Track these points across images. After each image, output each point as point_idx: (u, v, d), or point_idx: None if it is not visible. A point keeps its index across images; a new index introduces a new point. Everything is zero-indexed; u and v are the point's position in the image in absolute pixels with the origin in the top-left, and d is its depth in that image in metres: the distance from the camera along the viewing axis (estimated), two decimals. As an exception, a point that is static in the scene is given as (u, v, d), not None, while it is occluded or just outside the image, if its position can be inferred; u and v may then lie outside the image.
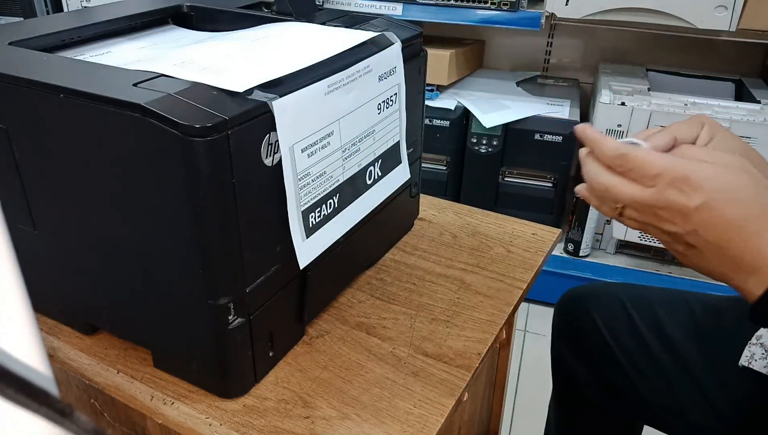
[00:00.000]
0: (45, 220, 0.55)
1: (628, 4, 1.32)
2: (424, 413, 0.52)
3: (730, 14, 1.26)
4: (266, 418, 0.52)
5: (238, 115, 0.44)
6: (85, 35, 0.61)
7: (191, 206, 0.45)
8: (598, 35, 1.72)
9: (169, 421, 0.51)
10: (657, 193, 0.43)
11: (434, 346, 0.59)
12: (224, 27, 0.67)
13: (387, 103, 0.61)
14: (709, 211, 0.41)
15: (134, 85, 0.45)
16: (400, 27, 0.66)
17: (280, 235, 0.51)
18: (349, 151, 0.57)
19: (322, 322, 0.63)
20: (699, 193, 0.41)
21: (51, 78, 0.47)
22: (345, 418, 0.52)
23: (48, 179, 0.52)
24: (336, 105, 0.53)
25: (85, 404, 0.58)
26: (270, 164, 0.48)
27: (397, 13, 1.48)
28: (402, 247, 0.75)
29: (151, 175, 0.45)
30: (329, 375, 0.56)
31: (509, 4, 1.40)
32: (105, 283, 0.55)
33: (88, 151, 0.48)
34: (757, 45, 1.49)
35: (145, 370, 0.56)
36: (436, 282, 0.69)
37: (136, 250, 0.50)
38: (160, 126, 0.42)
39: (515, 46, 1.81)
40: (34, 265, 0.56)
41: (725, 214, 0.40)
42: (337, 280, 0.66)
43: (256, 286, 0.51)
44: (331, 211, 0.56)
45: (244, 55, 0.53)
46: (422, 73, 0.69)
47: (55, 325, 0.62)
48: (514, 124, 1.46)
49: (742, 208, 0.41)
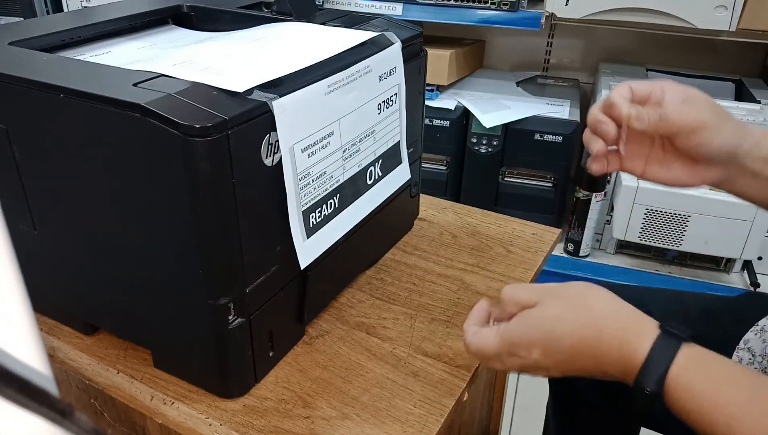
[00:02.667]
0: (45, 220, 0.55)
1: (628, 4, 1.32)
2: (424, 413, 0.52)
3: (730, 14, 1.26)
4: (266, 418, 0.52)
5: (238, 115, 0.44)
6: (85, 35, 0.61)
7: (191, 206, 0.45)
8: (598, 35, 1.72)
9: (169, 421, 0.51)
10: (507, 365, 0.49)
11: (434, 346, 0.59)
12: (224, 27, 0.67)
13: (387, 103, 0.61)
14: (548, 352, 0.46)
15: (134, 85, 0.45)
16: (400, 27, 0.66)
17: (280, 235, 0.51)
18: (349, 151, 0.57)
19: (322, 322, 0.63)
20: (531, 349, 0.47)
21: (51, 78, 0.47)
22: (345, 418, 0.52)
23: (48, 179, 0.52)
24: (336, 105, 0.53)
25: (85, 404, 0.58)
26: (270, 164, 0.48)
27: (397, 13, 1.48)
28: (402, 247, 0.75)
29: (151, 175, 0.45)
30: (329, 375, 0.56)
31: (509, 4, 1.40)
32: (105, 283, 0.55)
33: (88, 151, 0.48)
34: (757, 45, 1.49)
35: (145, 370, 0.56)
36: (436, 282, 0.69)
37: (136, 250, 0.50)
38: (160, 126, 0.42)
39: (515, 46, 1.81)
40: (34, 265, 0.56)
41: (563, 348, 0.46)
42: (337, 280, 0.66)
43: (256, 286, 0.51)
44: (332, 212, 0.56)
45: (244, 55, 0.53)
46: (422, 73, 0.69)
47: (55, 325, 0.62)
48: (514, 124, 1.46)
49: (575, 337, 0.46)
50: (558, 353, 0.46)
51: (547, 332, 0.46)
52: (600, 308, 0.47)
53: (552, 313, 0.47)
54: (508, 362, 0.48)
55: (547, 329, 0.47)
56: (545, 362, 0.47)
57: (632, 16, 1.33)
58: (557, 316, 0.47)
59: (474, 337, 0.49)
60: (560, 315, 0.46)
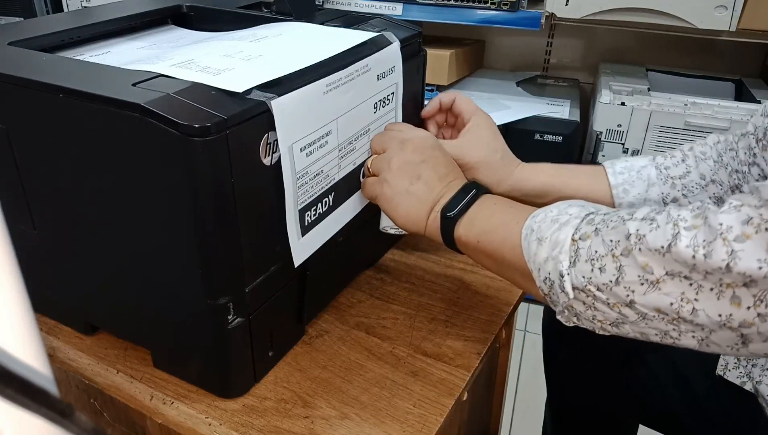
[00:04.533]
0: (45, 220, 0.55)
1: (628, 4, 1.32)
2: (423, 413, 0.52)
3: (730, 14, 1.26)
4: (266, 418, 0.52)
5: (237, 114, 0.44)
6: (85, 35, 0.61)
7: (190, 206, 0.45)
8: (598, 35, 1.72)
9: (168, 421, 0.52)
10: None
11: (434, 345, 0.59)
12: (224, 27, 0.67)
13: (384, 102, 0.61)
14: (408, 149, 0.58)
15: (133, 85, 0.45)
16: (399, 27, 0.66)
17: (279, 234, 0.51)
18: (345, 149, 0.57)
19: (322, 322, 0.63)
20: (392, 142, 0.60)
21: (51, 78, 0.47)
22: (344, 418, 0.52)
23: (48, 179, 0.52)
24: (334, 104, 0.53)
25: (85, 404, 0.58)
26: (269, 163, 0.48)
27: (397, 13, 1.48)
28: (402, 247, 0.75)
29: (151, 174, 0.45)
30: (329, 375, 0.56)
31: (509, 4, 1.40)
32: (105, 283, 0.55)
33: (88, 150, 0.48)
34: (757, 45, 1.49)
35: (145, 370, 0.56)
36: (435, 282, 0.69)
37: (136, 250, 0.50)
38: (159, 126, 0.42)
39: (515, 46, 1.81)
40: (34, 265, 0.56)
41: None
42: (337, 280, 0.66)
43: (256, 285, 0.51)
44: (326, 210, 0.56)
45: (244, 56, 0.53)
46: (422, 72, 0.69)
47: (55, 325, 0.62)
48: (514, 124, 1.46)
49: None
50: (428, 161, 0.57)
51: (429, 149, 0.58)
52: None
53: (438, 149, 0.59)
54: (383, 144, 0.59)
55: (429, 152, 0.58)
56: (401, 155, 0.57)
57: (632, 16, 1.33)
58: (439, 153, 0.59)
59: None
60: (441, 154, 0.59)
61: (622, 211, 0.43)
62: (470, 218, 0.53)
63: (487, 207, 0.53)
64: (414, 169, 0.56)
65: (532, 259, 0.46)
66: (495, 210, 0.53)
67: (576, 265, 0.42)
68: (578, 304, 0.43)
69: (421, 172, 0.56)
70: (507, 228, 0.50)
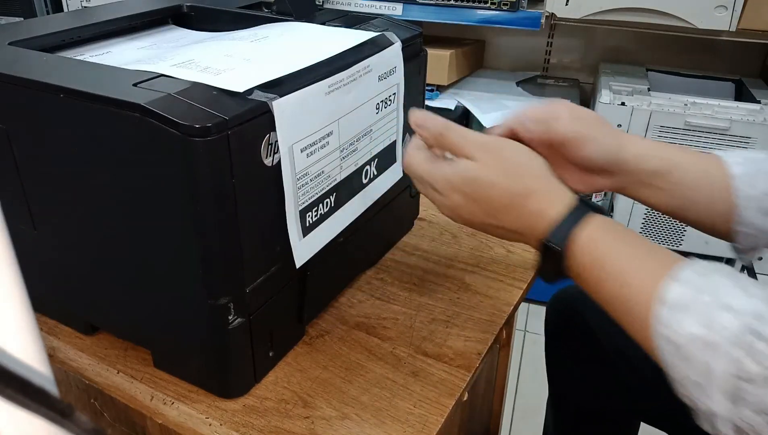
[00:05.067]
0: (45, 220, 0.55)
1: (628, 4, 1.32)
2: (424, 413, 0.52)
3: (730, 14, 1.26)
4: (266, 418, 0.52)
5: (238, 115, 0.44)
6: (85, 35, 0.61)
7: (191, 206, 0.45)
8: (598, 35, 1.72)
9: (169, 421, 0.51)
10: (425, 192, 0.54)
11: (434, 346, 0.59)
12: (224, 27, 0.67)
13: (386, 102, 0.61)
14: (472, 198, 0.51)
15: (134, 85, 0.45)
16: (400, 27, 0.66)
17: (279, 235, 0.51)
18: (347, 150, 0.57)
19: (322, 322, 0.63)
20: (454, 193, 0.51)
21: (51, 78, 0.47)
22: (345, 418, 0.52)
23: (48, 179, 0.52)
24: (336, 105, 0.53)
25: (85, 404, 0.58)
26: (270, 164, 0.48)
27: (397, 13, 1.48)
28: (402, 247, 0.75)
29: (151, 174, 0.45)
30: (329, 375, 0.56)
31: (509, 4, 1.40)
32: (105, 283, 0.55)
33: (88, 151, 0.48)
34: (757, 45, 1.49)
35: (145, 370, 0.56)
36: (436, 282, 0.69)
37: (136, 250, 0.50)
38: (160, 126, 0.42)
39: (515, 46, 1.82)
40: (34, 265, 0.56)
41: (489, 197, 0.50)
42: (337, 280, 0.66)
43: (256, 286, 0.51)
44: (328, 211, 0.56)
45: (244, 56, 0.53)
46: (422, 73, 0.69)
47: (55, 325, 0.62)
48: (514, 124, 1.46)
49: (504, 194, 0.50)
50: (483, 201, 0.50)
51: (479, 188, 0.50)
52: (532, 172, 0.51)
53: (488, 180, 0.50)
54: (425, 191, 0.53)
55: (482, 191, 0.50)
56: (465, 205, 0.51)
57: (632, 16, 1.33)
58: (492, 183, 0.50)
59: (412, 152, 0.54)
60: (495, 182, 0.50)
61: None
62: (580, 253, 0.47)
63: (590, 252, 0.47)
64: (475, 222, 0.52)
65: (668, 365, 0.41)
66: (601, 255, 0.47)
67: (737, 408, 0.37)
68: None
69: (486, 227, 0.52)
70: (629, 289, 0.44)
